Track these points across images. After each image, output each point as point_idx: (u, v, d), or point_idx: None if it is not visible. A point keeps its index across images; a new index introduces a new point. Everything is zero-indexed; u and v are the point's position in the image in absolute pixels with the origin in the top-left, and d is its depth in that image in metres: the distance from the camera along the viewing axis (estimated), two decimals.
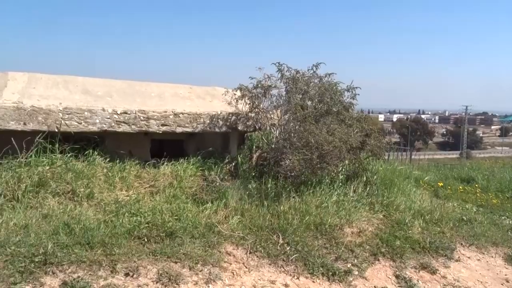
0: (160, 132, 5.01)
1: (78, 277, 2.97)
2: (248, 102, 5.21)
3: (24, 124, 4.22)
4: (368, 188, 5.28)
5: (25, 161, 4.19)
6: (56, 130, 4.37)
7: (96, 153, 4.67)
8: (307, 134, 4.60)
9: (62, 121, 4.37)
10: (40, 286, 2.90)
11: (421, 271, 4.13)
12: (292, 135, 4.88)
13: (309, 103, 5.14)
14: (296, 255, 3.84)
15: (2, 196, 3.86)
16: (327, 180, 5.05)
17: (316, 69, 5.32)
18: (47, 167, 4.23)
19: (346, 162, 5.33)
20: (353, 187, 5.18)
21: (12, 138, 4.14)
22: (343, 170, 5.38)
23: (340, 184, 5.15)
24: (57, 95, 4.64)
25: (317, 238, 4.19)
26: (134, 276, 3.15)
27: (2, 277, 2.89)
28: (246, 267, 3.61)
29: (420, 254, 4.38)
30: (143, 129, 4.89)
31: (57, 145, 4.38)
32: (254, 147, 5.53)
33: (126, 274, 3.16)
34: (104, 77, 5.41)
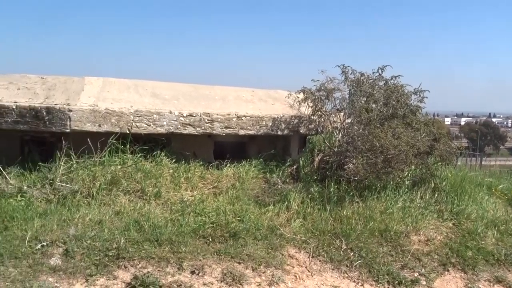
0: (224, 134, 5.11)
1: (148, 272, 3.10)
2: (311, 105, 5.18)
3: (99, 125, 4.48)
4: (436, 195, 5.04)
5: (99, 160, 4.45)
6: (127, 132, 4.59)
7: (163, 154, 4.85)
8: (372, 138, 4.48)
9: (133, 123, 4.60)
10: (114, 279, 3.06)
11: (495, 285, 3.88)
12: (356, 138, 4.78)
13: (373, 106, 5.01)
14: (360, 261, 3.75)
15: (79, 192, 4.12)
16: (392, 185, 4.89)
17: (382, 71, 5.19)
18: (119, 167, 4.46)
19: (412, 167, 5.14)
20: (420, 193, 4.96)
21: (88, 139, 4.42)
22: (409, 175, 5.18)
23: (406, 189, 4.96)
24: (128, 98, 4.88)
25: (382, 245, 4.07)
26: (200, 274, 3.24)
27: (80, 269, 3.10)
28: (308, 271, 3.59)
29: (494, 267, 4.11)
30: (208, 131, 5.02)
31: (128, 146, 4.61)
32: (315, 150, 5.47)
33: (192, 272, 3.26)
34: (169, 80, 5.62)
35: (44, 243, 3.30)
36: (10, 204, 3.90)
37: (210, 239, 3.68)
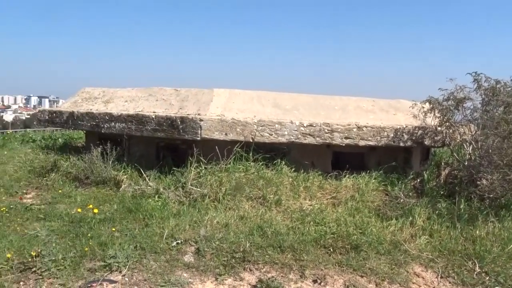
0: (343, 144, 5.08)
1: (272, 277, 3.19)
2: (438, 115, 4.88)
3: (226, 134, 4.78)
4: None
5: (225, 167, 4.74)
6: (251, 140, 4.82)
7: (283, 162, 4.99)
8: None
9: (256, 132, 4.81)
10: (240, 280, 3.21)
11: None
12: (491, 152, 4.37)
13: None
14: (498, 287, 3.40)
15: (207, 196, 4.43)
16: None
17: None
18: (243, 174, 4.70)
19: None
20: None
21: (216, 147, 4.74)
22: None
23: None
24: (252, 108, 5.13)
25: None
26: (322, 284, 3.24)
27: (210, 268, 3.31)
28: None
29: None
30: (327, 141, 5.03)
31: (251, 154, 4.83)
32: (442, 163, 5.13)
33: (314, 281, 3.27)
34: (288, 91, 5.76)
35: (179, 241, 3.61)
36: (149, 203, 4.36)
37: (331, 250, 3.66)
